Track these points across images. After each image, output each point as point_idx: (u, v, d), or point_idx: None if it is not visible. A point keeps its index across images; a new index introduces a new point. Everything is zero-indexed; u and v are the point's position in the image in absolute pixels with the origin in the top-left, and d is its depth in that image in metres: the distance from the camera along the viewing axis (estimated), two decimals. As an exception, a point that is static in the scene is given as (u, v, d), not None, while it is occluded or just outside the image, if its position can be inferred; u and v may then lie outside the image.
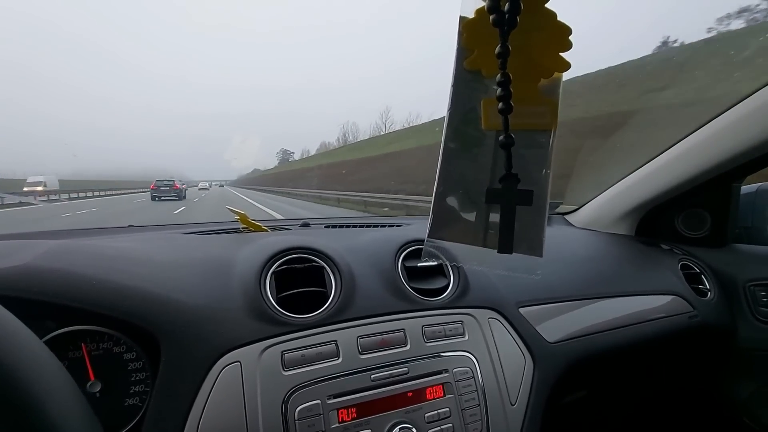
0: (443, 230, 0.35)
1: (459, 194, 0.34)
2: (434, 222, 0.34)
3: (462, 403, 0.58)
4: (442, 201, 0.34)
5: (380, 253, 0.70)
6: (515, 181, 0.32)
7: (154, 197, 18.41)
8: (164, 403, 0.48)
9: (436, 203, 0.34)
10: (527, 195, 0.32)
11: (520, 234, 0.34)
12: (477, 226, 0.34)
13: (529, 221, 0.34)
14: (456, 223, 0.35)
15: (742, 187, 1.09)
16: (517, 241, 0.34)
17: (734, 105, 0.88)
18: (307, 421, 0.50)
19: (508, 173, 0.32)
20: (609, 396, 1.02)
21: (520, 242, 0.34)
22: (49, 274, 0.51)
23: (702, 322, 0.92)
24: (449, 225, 0.35)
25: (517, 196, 0.32)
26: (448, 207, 0.34)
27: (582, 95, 11.41)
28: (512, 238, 0.33)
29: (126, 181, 60.67)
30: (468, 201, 0.34)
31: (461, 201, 0.34)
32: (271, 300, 0.58)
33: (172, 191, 18.46)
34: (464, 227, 0.35)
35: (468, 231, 0.34)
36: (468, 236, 0.35)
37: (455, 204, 0.34)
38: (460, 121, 0.34)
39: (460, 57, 0.33)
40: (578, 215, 1.27)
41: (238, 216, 0.86)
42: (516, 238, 0.34)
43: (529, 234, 0.35)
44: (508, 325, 0.68)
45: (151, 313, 0.51)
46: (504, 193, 0.32)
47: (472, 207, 0.34)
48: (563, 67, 0.32)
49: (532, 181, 0.33)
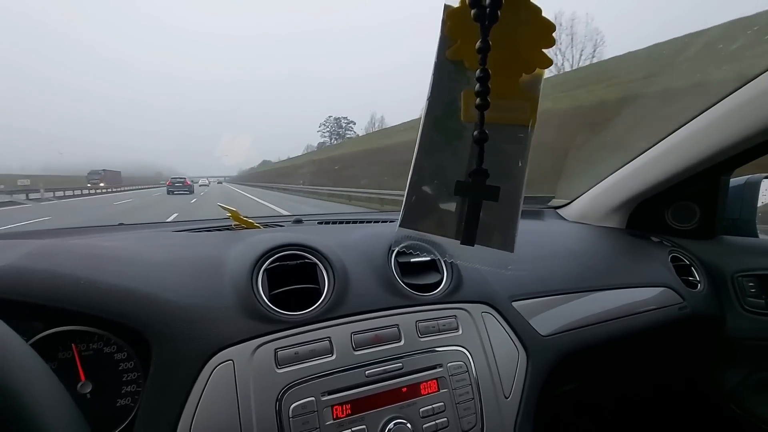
0: (415, 221, 0.34)
1: (433, 185, 0.34)
2: (406, 211, 0.34)
3: (456, 397, 0.58)
4: (416, 191, 0.34)
5: (373, 249, 0.70)
6: (484, 176, 0.32)
7: (169, 191, 21.66)
8: (156, 403, 0.47)
9: (410, 193, 0.34)
10: (494, 191, 0.33)
11: (492, 229, 0.34)
12: (450, 217, 0.34)
13: (501, 216, 0.34)
14: (428, 214, 0.34)
15: (730, 179, 1.10)
16: (487, 236, 0.34)
17: (722, 99, 0.89)
18: (302, 418, 0.50)
19: (478, 168, 0.32)
20: (600, 387, 1.03)
21: (491, 237, 0.34)
22: (33, 274, 0.50)
23: (692, 313, 0.93)
24: (422, 215, 0.34)
25: (484, 192, 0.33)
26: (421, 197, 0.34)
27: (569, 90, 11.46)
28: (475, 232, 0.33)
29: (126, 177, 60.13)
30: (442, 192, 0.34)
31: (435, 192, 0.34)
32: (263, 297, 0.57)
33: (184, 187, 22.32)
34: (436, 218, 0.34)
35: (439, 222, 0.34)
36: (439, 227, 0.34)
37: (429, 194, 0.34)
38: (439, 111, 0.33)
39: (442, 46, 0.32)
40: (570, 209, 1.28)
41: (230, 213, 0.86)
42: (486, 233, 0.34)
43: (501, 229, 0.35)
44: (501, 319, 0.68)
45: (141, 313, 0.50)
46: (471, 187, 0.33)
47: (446, 199, 0.34)
48: (545, 63, 0.32)
49: (507, 176, 0.34)
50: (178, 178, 25.02)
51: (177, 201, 12.53)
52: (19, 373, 0.27)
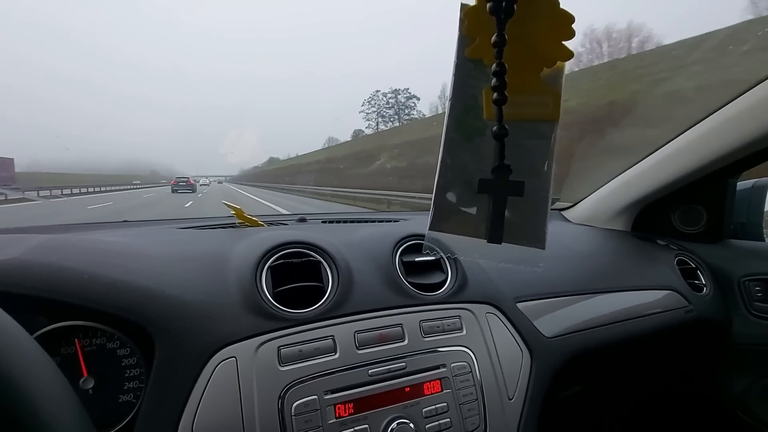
0: (444, 222, 0.34)
1: (460, 185, 0.34)
2: (435, 214, 0.34)
3: (460, 398, 0.58)
4: (443, 192, 0.34)
5: (378, 248, 0.70)
6: (507, 171, 0.32)
7: (174, 190, 23.76)
8: (158, 399, 0.47)
9: (437, 195, 0.34)
10: (519, 186, 0.32)
11: (519, 226, 0.34)
12: (476, 217, 0.34)
13: (528, 213, 0.34)
14: (456, 215, 0.34)
15: (737, 183, 1.09)
16: (515, 233, 0.34)
17: (730, 101, 0.88)
18: (304, 416, 0.49)
19: (501, 164, 0.31)
20: (605, 390, 1.02)
21: (520, 235, 0.34)
22: (39, 268, 0.50)
23: (697, 316, 0.92)
24: (450, 217, 0.34)
25: (509, 187, 0.32)
26: (449, 198, 0.34)
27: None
28: (502, 229, 0.33)
29: (115, 175, 60.07)
30: (468, 192, 0.33)
31: (462, 192, 0.34)
32: (267, 295, 0.57)
33: (188, 186, 24.89)
34: (464, 219, 0.34)
35: (468, 223, 0.34)
36: (468, 228, 0.34)
37: (456, 195, 0.34)
38: (461, 111, 0.33)
39: (461, 46, 0.32)
40: (575, 211, 1.27)
41: (234, 211, 0.86)
42: (514, 230, 0.33)
43: (529, 226, 0.34)
44: (505, 320, 0.68)
45: (145, 309, 0.50)
46: (495, 183, 0.32)
47: (471, 198, 0.34)
48: (566, 56, 0.32)
49: (533, 172, 0.33)
50: (182, 177, 27.53)
51: (167, 206, 12.20)
52: (23, 365, 0.27)
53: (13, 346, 0.27)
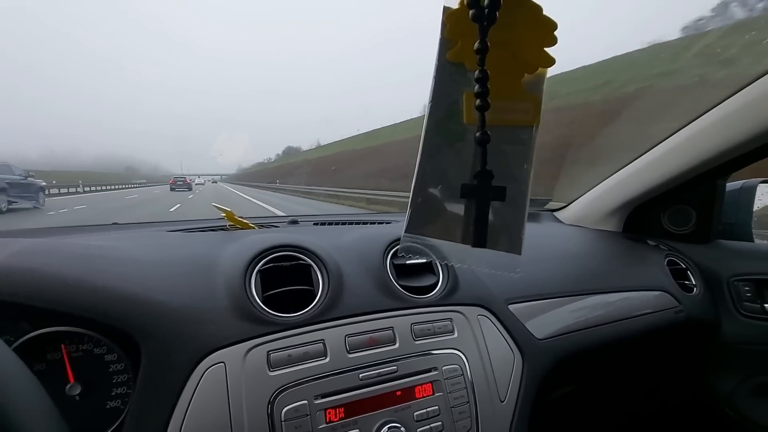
0: (421, 225, 0.34)
1: (438, 189, 0.34)
2: (412, 217, 0.34)
3: (451, 401, 0.58)
4: (421, 195, 0.34)
5: (368, 251, 0.69)
6: (489, 177, 0.32)
7: (172, 188, 27.21)
8: (146, 405, 0.47)
9: (415, 197, 0.33)
10: (500, 191, 0.32)
11: (499, 231, 0.34)
12: (455, 221, 0.34)
13: (508, 219, 0.34)
14: (434, 219, 0.34)
15: (726, 183, 1.11)
16: (495, 238, 0.34)
17: (719, 103, 0.89)
18: (294, 422, 0.49)
19: (483, 170, 0.32)
20: (597, 391, 1.03)
21: (499, 239, 0.34)
22: (20, 274, 0.49)
23: (687, 316, 0.93)
24: (427, 220, 0.34)
25: (490, 192, 0.32)
26: (426, 201, 0.34)
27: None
28: (485, 234, 0.33)
29: (108, 173, 59.97)
30: (447, 196, 0.33)
31: (440, 196, 0.34)
32: (256, 299, 0.56)
33: (185, 184, 28.41)
34: (442, 223, 0.34)
35: (446, 227, 0.34)
36: (446, 232, 0.34)
37: (434, 199, 0.34)
38: (441, 114, 0.33)
39: (443, 48, 0.32)
40: (567, 212, 1.28)
41: (225, 213, 0.85)
42: (494, 235, 0.34)
43: (508, 231, 0.34)
44: (497, 322, 0.68)
45: (131, 315, 0.50)
46: (478, 189, 0.32)
47: (451, 202, 0.34)
48: (548, 62, 0.32)
49: (512, 178, 0.33)
50: (179, 177, 31.70)
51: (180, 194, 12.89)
52: None
53: None
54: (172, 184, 28.22)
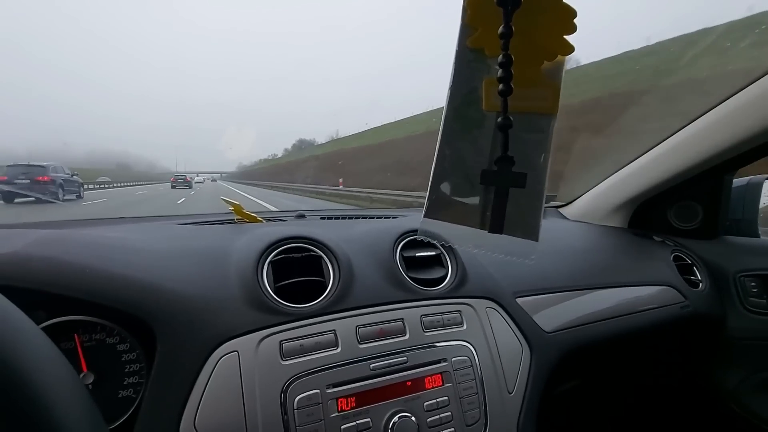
0: (440, 211, 0.34)
1: (457, 175, 0.34)
2: (431, 202, 0.34)
3: (460, 392, 0.58)
4: (440, 181, 0.34)
5: (378, 243, 0.70)
6: (510, 163, 0.32)
7: (173, 186, 28.24)
8: (160, 394, 0.47)
9: (434, 183, 0.34)
10: (521, 177, 0.32)
11: (516, 218, 0.34)
12: (473, 207, 0.34)
13: (525, 206, 0.34)
14: (453, 204, 0.34)
15: (733, 179, 1.11)
16: (512, 225, 0.34)
17: (726, 99, 0.89)
18: (307, 410, 0.49)
19: (504, 155, 0.32)
20: (603, 384, 1.03)
21: (516, 226, 0.34)
22: (39, 262, 0.49)
23: (693, 312, 0.93)
24: (446, 206, 0.34)
25: (511, 179, 0.32)
26: (444, 188, 0.34)
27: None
28: (503, 220, 0.33)
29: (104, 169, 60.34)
30: (465, 182, 0.34)
31: (459, 181, 0.34)
32: (268, 289, 0.57)
33: (185, 182, 29.67)
34: (461, 208, 0.34)
35: (464, 212, 0.34)
36: (464, 217, 0.34)
37: (452, 184, 0.34)
38: (460, 100, 0.33)
39: (463, 35, 0.32)
40: (572, 208, 1.28)
41: (233, 207, 0.85)
42: (511, 222, 0.34)
43: (525, 218, 0.34)
44: (505, 315, 0.68)
45: (146, 303, 0.50)
46: (498, 175, 0.32)
47: (469, 188, 0.34)
48: (567, 50, 0.32)
49: (530, 166, 0.33)
50: (180, 175, 33.51)
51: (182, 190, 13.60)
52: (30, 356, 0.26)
53: (19, 336, 0.27)
54: (173, 182, 29.52)
